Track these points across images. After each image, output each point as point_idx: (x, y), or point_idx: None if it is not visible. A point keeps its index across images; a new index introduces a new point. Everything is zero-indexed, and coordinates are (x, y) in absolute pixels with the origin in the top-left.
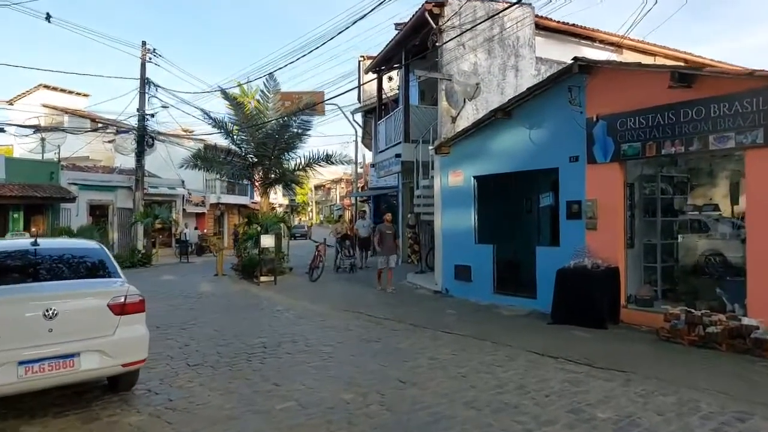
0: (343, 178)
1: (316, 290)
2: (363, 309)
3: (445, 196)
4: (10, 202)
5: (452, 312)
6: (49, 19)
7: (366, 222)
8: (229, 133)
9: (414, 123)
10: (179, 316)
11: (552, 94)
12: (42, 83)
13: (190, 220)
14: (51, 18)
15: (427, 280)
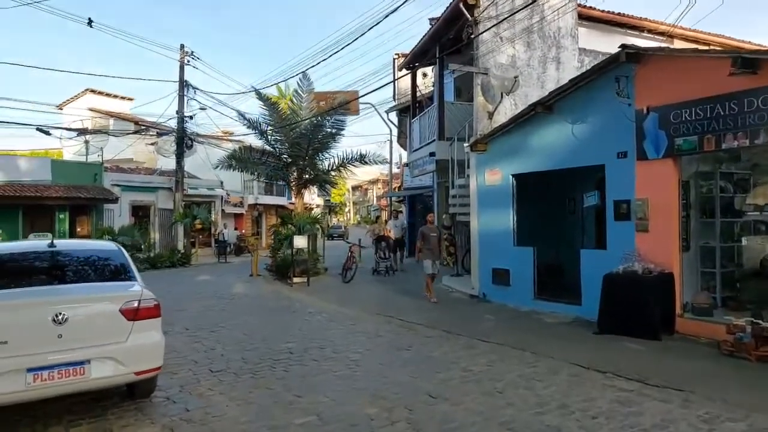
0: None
1: (348, 292)
2: (395, 313)
3: (482, 195)
4: (56, 203)
5: (489, 318)
6: (91, 24)
7: (398, 222)
8: (264, 134)
9: (449, 120)
10: (210, 317)
11: (597, 86)
12: (89, 88)
13: (228, 221)
14: (92, 23)
15: (463, 284)
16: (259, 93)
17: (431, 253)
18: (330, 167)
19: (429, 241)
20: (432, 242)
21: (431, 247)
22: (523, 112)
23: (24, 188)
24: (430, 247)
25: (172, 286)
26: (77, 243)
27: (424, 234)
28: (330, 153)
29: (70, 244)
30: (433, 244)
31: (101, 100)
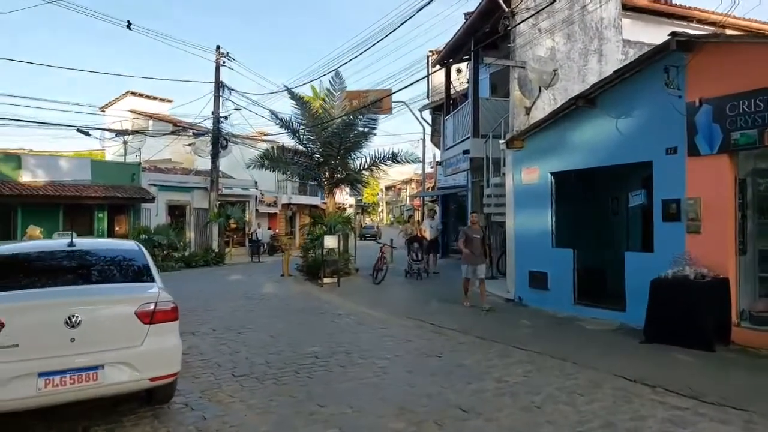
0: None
1: (379, 294)
2: (426, 317)
3: (518, 194)
4: (95, 203)
5: (526, 324)
6: (130, 26)
7: (434, 222)
8: (296, 133)
9: (484, 116)
10: (238, 318)
11: (644, 77)
12: (129, 90)
13: (262, 220)
14: (131, 25)
15: (498, 287)
16: (291, 92)
17: (473, 255)
18: (361, 167)
19: (472, 242)
20: (475, 244)
21: (474, 250)
22: (563, 106)
23: (64, 188)
24: (473, 249)
25: (204, 286)
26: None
27: (467, 235)
28: (361, 152)
29: (90, 244)
30: (476, 247)
31: (141, 102)
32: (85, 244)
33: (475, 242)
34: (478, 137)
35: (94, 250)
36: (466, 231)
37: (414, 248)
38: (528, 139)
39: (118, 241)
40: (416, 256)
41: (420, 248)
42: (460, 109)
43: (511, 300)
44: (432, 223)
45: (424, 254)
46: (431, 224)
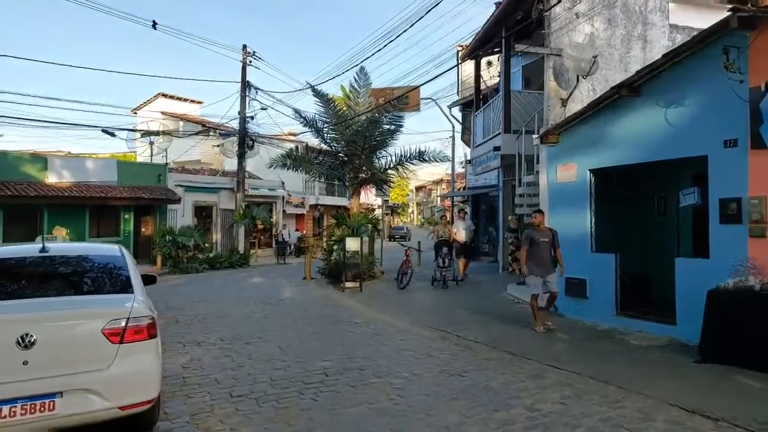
0: (444, 179)
1: (402, 300)
2: (451, 328)
3: (553, 194)
4: (121, 204)
5: (562, 337)
6: (155, 26)
7: (467, 223)
8: (319, 132)
9: (515, 111)
10: (250, 326)
11: (698, 61)
12: (161, 92)
13: (289, 221)
14: (157, 25)
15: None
16: (314, 89)
17: (542, 265)
18: (387, 166)
19: (538, 248)
20: (542, 250)
21: (541, 257)
22: (604, 96)
23: (90, 189)
24: (540, 255)
25: (223, 289)
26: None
27: (533, 239)
28: (387, 151)
29: (66, 249)
30: (545, 253)
31: (172, 103)
32: (60, 249)
33: (543, 247)
34: (510, 133)
35: (69, 257)
36: (531, 234)
37: (442, 253)
38: (564, 134)
39: (98, 246)
40: (443, 261)
41: (449, 253)
42: (490, 103)
43: (546, 309)
44: (464, 224)
45: (453, 260)
46: (463, 225)
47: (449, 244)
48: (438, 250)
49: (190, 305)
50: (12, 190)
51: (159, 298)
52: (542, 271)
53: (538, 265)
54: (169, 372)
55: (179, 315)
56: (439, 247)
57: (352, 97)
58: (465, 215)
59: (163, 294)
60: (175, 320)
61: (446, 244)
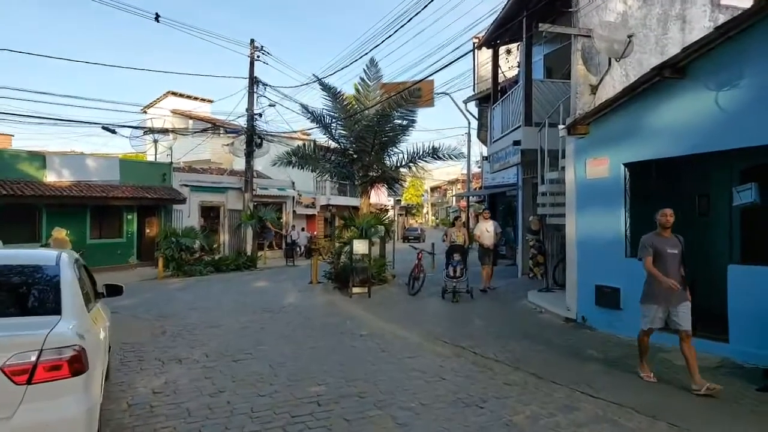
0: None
1: (413, 308)
2: (467, 342)
3: (582, 191)
4: (123, 204)
5: (594, 355)
6: (158, 19)
7: (492, 224)
8: (327, 127)
9: (537, 101)
10: (242, 339)
11: (757, 34)
12: (170, 91)
13: (300, 222)
14: (159, 18)
15: (555, 302)
16: (321, 82)
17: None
18: (398, 163)
19: (664, 263)
20: (669, 266)
21: (671, 274)
22: (642, 79)
23: (91, 188)
24: (666, 272)
25: (222, 295)
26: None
27: (657, 249)
28: (398, 147)
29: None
30: (672, 270)
31: (182, 102)
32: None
33: (671, 262)
34: (531, 125)
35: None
36: (653, 241)
37: (453, 261)
38: (595, 124)
39: (28, 253)
40: (454, 271)
41: (462, 261)
42: (509, 95)
43: (573, 320)
44: (488, 226)
45: (465, 268)
46: (488, 227)
47: (463, 250)
48: (449, 256)
49: (183, 313)
50: (7, 190)
51: (153, 304)
52: (669, 296)
53: (666, 288)
54: (137, 399)
55: (168, 324)
56: (451, 253)
57: (361, 90)
58: (488, 213)
59: (158, 300)
60: (162, 331)
61: (459, 249)
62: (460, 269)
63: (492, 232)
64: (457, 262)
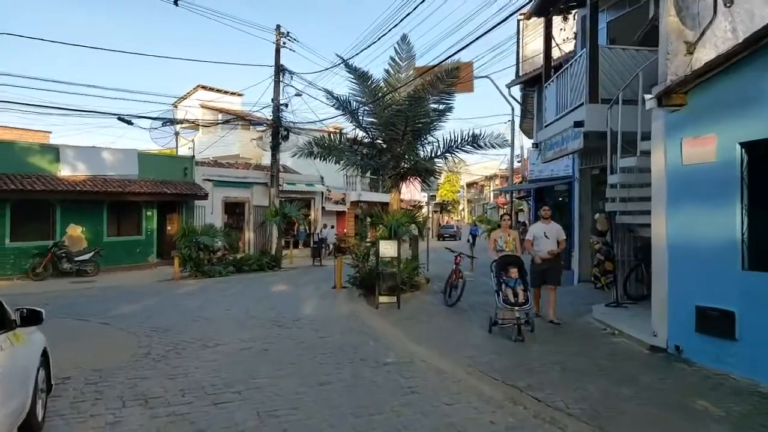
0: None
1: (451, 324)
2: (524, 379)
3: (675, 181)
4: (140, 199)
5: (710, 409)
6: (177, 2)
7: (555, 228)
8: (354, 114)
9: (605, 73)
10: (236, 367)
11: None
12: (200, 84)
13: (330, 219)
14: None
15: (631, 322)
16: (346, 63)
17: None
18: (433, 153)
19: None
20: None
21: None
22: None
23: (107, 183)
24: None
25: (234, 301)
26: None
27: None
28: (433, 136)
29: None
30: None
31: (212, 96)
32: None
33: None
34: (597, 102)
35: None
36: None
37: (508, 278)
38: (695, 92)
39: None
40: (514, 295)
41: (521, 279)
42: (566, 68)
43: (661, 349)
44: (550, 229)
45: (530, 290)
46: (548, 231)
47: (521, 263)
48: (501, 272)
49: (180, 325)
50: (17, 184)
51: (152, 313)
52: None
53: None
54: None
55: (157, 342)
56: (504, 267)
57: (392, 71)
58: (548, 212)
59: (161, 307)
60: (146, 352)
61: (516, 262)
62: (523, 292)
63: (554, 238)
64: (515, 281)
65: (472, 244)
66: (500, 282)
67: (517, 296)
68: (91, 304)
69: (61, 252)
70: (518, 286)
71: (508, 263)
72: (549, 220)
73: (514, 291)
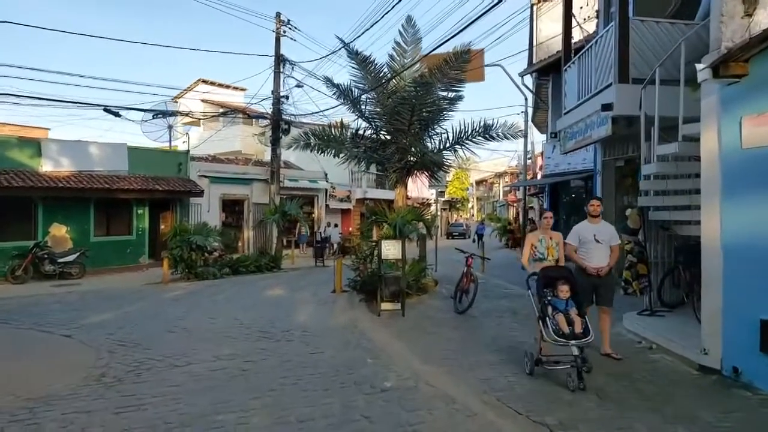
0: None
1: (462, 336)
2: (554, 414)
3: (733, 168)
4: (129, 196)
5: None
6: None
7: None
8: (356, 103)
9: (636, 49)
10: (201, 397)
11: None
12: (201, 78)
13: (334, 217)
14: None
15: (669, 334)
16: (347, 47)
17: None
18: (442, 145)
19: None
20: None
21: None
22: None
23: (93, 179)
24: None
25: (223, 308)
26: None
27: None
28: (442, 126)
29: None
30: None
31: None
32: None
33: None
34: (628, 82)
35: None
36: None
37: (555, 298)
38: (758, 60)
39: None
40: (567, 321)
41: (573, 300)
42: (590, 47)
43: (714, 371)
44: (602, 231)
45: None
46: (599, 234)
47: (571, 278)
48: (545, 290)
49: (153, 338)
50: None
51: (127, 322)
52: None
53: None
54: None
55: (119, 359)
56: (550, 283)
57: (396, 56)
58: (600, 208)
59: (139, 315)
60: (101, 373)
61: (563, 276)
62: (581, 319)
63: (607, 244)
64: (567, 303)
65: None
66: (545, 304)
67: (572, 325)
68: (63, 312)
69: (43, 253)
70: (571, 309)
71: (554, 277)
72: (599, 218)
73: (568, 317)
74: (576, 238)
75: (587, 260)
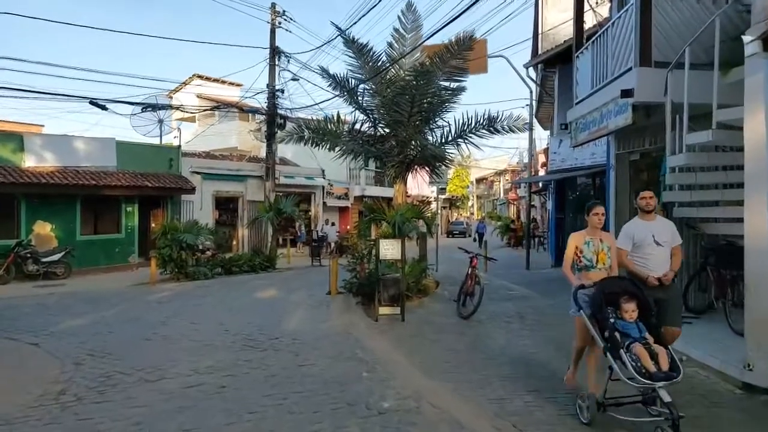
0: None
1: (467, 345)
2: None
3: None
4: (117, 193)
5: None
6: None
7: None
8: (353, 94)
9: (658, 29)
10: (168, 422)
11: None
12: (196, 74)
13: (332, 215)
14: None
15: (701, 345)
16: (343, 34)
17: None
18: (444, 138)
19: None
20: None
21: None
22: None
23: (79, 175)
24: None
25: (209, 312)
26: None
27: None
28: (443, 118)
29: None
30: None
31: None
32: None
33: None
34: (650, 66)
35: None
36: None
37: (622, 321)
38: None
39: None
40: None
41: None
42: (605, 29)
43: (762, 390)
44: (661, 230)
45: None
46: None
47: (636, 290)
48: (605, 310)
49: (126, 347)
50: None
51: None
52: None
53: None
54: None
55: (85, 372)
56: (612, 301)
57: (395, 45)
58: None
59: (117, 320)
60: (61, 390)
61: (628, 290)
62: (666, 352)
63: (668, 245)
64: (639, 328)
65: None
66: (613, 331)
67: (655, 358)
68: (36, 316)
69: (25, 252)
70: (643, 338)
71: (614, 292)
72: (654, 215)
73: (648, 348)
74: (629, 241)
75: (647, 268)
